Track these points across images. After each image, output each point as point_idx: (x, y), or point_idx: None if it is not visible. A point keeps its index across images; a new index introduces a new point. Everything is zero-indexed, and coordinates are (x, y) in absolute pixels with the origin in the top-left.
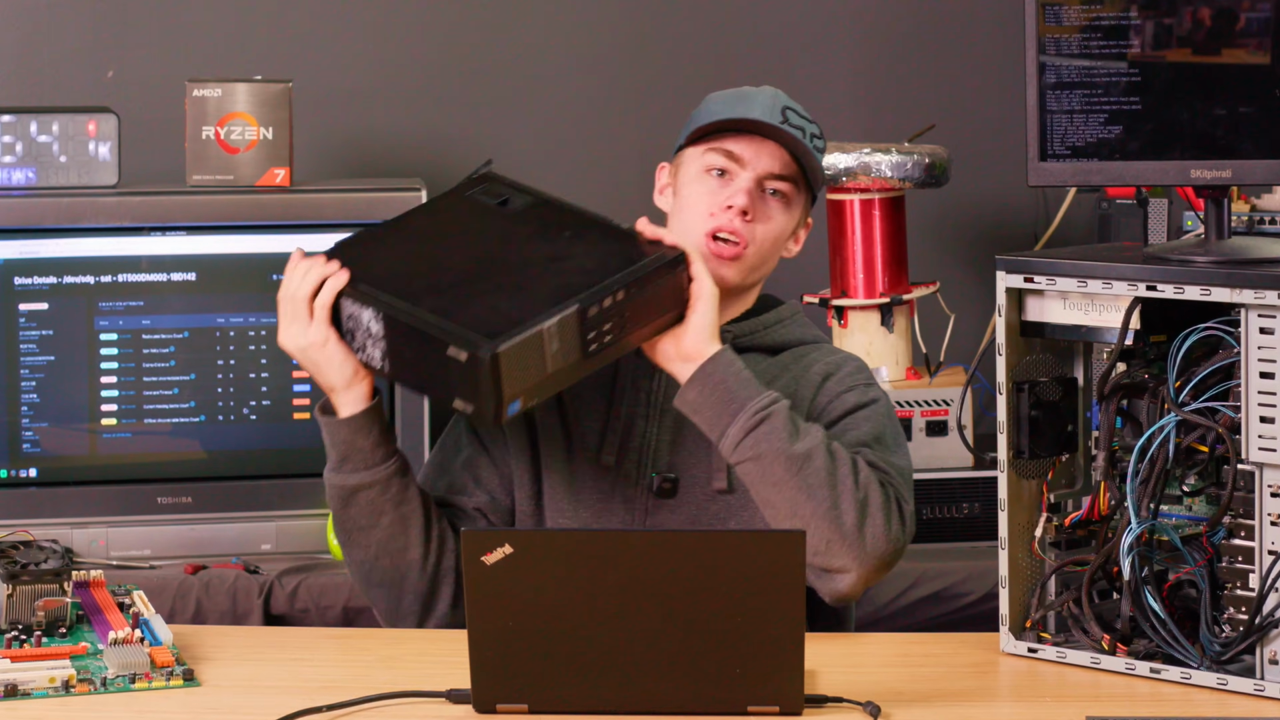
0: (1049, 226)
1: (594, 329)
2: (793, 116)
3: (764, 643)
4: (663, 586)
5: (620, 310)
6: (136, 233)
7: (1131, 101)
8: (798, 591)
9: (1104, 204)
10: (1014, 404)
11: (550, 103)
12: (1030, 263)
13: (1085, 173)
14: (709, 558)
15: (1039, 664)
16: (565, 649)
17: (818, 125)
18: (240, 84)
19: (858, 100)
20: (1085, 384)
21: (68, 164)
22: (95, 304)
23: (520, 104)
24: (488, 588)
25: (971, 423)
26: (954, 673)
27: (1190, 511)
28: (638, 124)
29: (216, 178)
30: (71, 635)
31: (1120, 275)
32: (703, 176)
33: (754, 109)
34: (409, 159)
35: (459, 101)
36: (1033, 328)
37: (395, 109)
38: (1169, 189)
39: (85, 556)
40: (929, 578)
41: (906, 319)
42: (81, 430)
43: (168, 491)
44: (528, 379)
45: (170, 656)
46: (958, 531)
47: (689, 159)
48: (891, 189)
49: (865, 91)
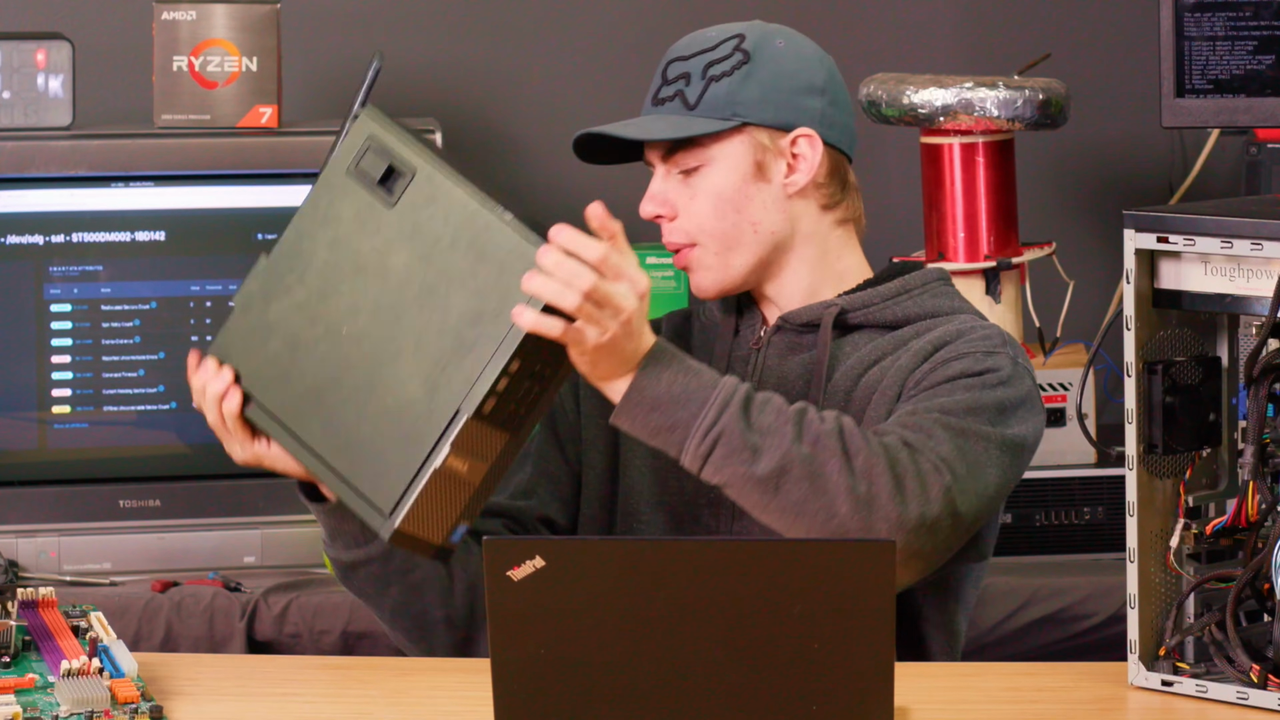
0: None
1: (501, 413)
2: (673, 69)
3: (845, 674)
4: (721, 605)
5: (520, 379)
6: (95, 183)
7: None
8: (887, 613)
9: (1253, 149)
10: (1145, 389)
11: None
12: (1165, 219)
13: (1231, 111)
14: (777, 571)
15: (1175, 699)
16: (607, 680)
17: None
18: (218, 5)
19: (958, 26)
20: (1230, 365)
21: (12, 101)
22: (45, 269)
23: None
24: (514, 607)
25: (1094, 411)
26: (1073, 711)
27: None
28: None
29: (190, 117)
30: (17, 666)
31: (1273, 234)
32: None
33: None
34: (418, 95)
35: (475, 27)
36: (1168, 297)
37: (401, 36)
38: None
39: (33, 571)
40: (1043, 596)
41: (1016, 286)
42: (29, 420)
43: (132, 493)
44: (454, 507)
45: (135, 691)
46: (1078, 541)
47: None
48: (998, 131)
49: (966, 15)
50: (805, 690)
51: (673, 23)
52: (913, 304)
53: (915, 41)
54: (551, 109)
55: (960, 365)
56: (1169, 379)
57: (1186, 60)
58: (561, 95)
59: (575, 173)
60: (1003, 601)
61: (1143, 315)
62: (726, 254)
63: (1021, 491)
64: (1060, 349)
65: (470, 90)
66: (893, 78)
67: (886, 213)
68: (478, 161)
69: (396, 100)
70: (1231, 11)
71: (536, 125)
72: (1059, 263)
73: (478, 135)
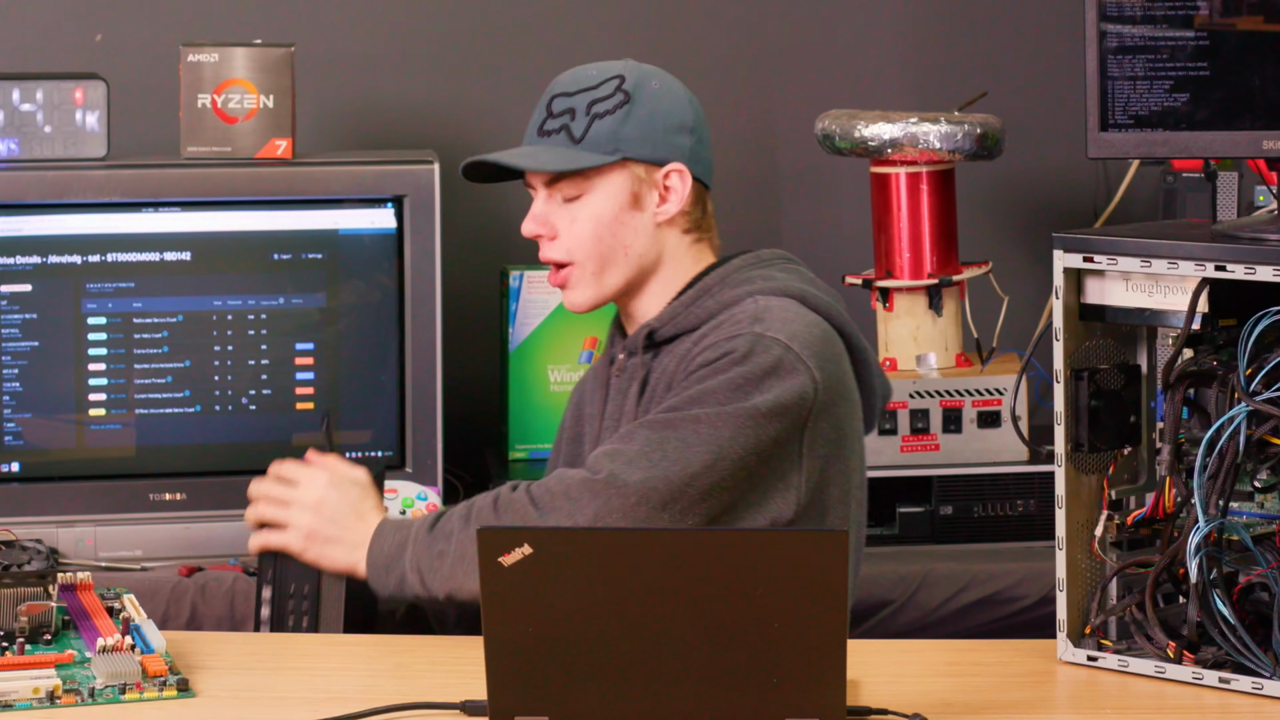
0: (1110, 202)
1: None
2: (558, 104)
3: (803, 650)
4: (695, 589)
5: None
6: (127, 209)
7: (1199, 67)
8: (840, 595)
9: (1169, 178)
10: (1072, 393)
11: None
12: (1090, 241)
13: (1149, 144)
14: (744, 558)
15: (1099, 673)
16: (589, 657)
17: (614, 79)
18: (239, 49)
19: (904, 66)
20: (1149, 372)
21: (53, 134)
22: (82, 285)
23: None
24: (505, 591)
25: (1026, 413)
26: (1007, 682)
27: (1262, 509)
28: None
29: (213, 149)
30: (57, 642)
31: (1187, 254)
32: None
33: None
34: (420, 129)
35: (474, 67)
36: (1093, 311)
37: (405, 75)
38: (1239, 161)
39: (71, 557)
40: (980, 580)
41: (956, 302)
42: (68, 422)
43: (161, 487)
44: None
45: (163, 665)
46: (1011, 531)
47: None
48: (940, 161)
49: (912, 57)
50: (767, 664)
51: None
52: (711, 301)
53: (865, 80)
54: None
55: (701, 358)
56: (1094, 385)
57: (1110, 98)
58: None
59: None
60: (944, 585)
61: (1070, 327)
62: (600, 274)
63: (960, 486)
64: (996, 358)
65: (464, 125)
66: (845, 114)
67: (840, 235)
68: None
69: (398, 134)
70: (1150, 54)
71: None
72: (995, 280)
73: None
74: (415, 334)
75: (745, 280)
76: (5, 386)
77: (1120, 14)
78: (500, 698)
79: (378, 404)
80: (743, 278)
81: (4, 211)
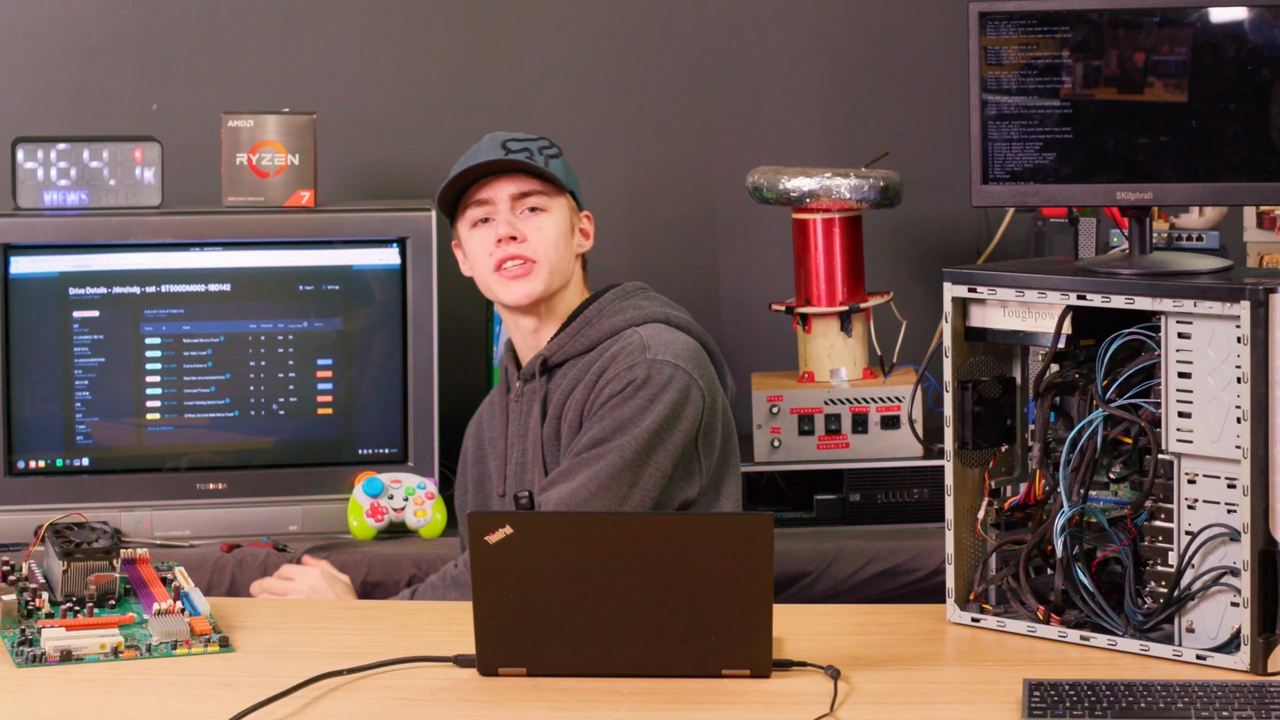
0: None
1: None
2: (513, 145)
3: (736, 613)
4: (647, 563)
5: None
6: (177, 248)
7: (1064, 131)
8: (767, 567)
9: (1039, 222)
10: (959, 401)
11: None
12: (973, 274)
13: (1022, 194)
14: (688, 537)
15: (981, 632)
16: (560, 618)
17: (547, 139)
18: (270, 116)
19: (820, 130)
20: (1022, 383)
21: (116, 187)
22: (141, 312)
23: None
24: (491, 564)
25: (921, 417)
26: (905, 640)
27: (1116, 496)
28: (624, 152)
29: (249, 199)
30: (120, 607)
31: (1054, 286)
32: (473, 233)
33: (479, 158)
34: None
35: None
36: (975, 333)
37: (408, 138)
38: (1097, 209)
39: (132, 536)
40: (883, 556)
41: (863, 325)
42: (128, 424)
43: (205, 478)
44: None
45: (208, 625)
46: (909, 514)
47: (461, 226)
48: (850, 209)
49: (827, 122)
50: (706, 624)
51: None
52: (592, 330)
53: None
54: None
55: (609, 390)
56: (977, 393)
57: (990, 157)
58: None
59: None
60: (853, 560)
61: (957, 346)
62: (550, 275)
63: (867, 477)
64: (896, 371)
65: None
66: (771, 169)
67: (767, 271)
68: None
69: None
70: (1024, 121)
71: None
72: (895, 307)
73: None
74: (416, 351)
75: (618, 310)
76: (77, 395)
77: (999, 87)
78: (486, 652)
79: (385, 410)
80: (616, 309)
81: (76, 251)
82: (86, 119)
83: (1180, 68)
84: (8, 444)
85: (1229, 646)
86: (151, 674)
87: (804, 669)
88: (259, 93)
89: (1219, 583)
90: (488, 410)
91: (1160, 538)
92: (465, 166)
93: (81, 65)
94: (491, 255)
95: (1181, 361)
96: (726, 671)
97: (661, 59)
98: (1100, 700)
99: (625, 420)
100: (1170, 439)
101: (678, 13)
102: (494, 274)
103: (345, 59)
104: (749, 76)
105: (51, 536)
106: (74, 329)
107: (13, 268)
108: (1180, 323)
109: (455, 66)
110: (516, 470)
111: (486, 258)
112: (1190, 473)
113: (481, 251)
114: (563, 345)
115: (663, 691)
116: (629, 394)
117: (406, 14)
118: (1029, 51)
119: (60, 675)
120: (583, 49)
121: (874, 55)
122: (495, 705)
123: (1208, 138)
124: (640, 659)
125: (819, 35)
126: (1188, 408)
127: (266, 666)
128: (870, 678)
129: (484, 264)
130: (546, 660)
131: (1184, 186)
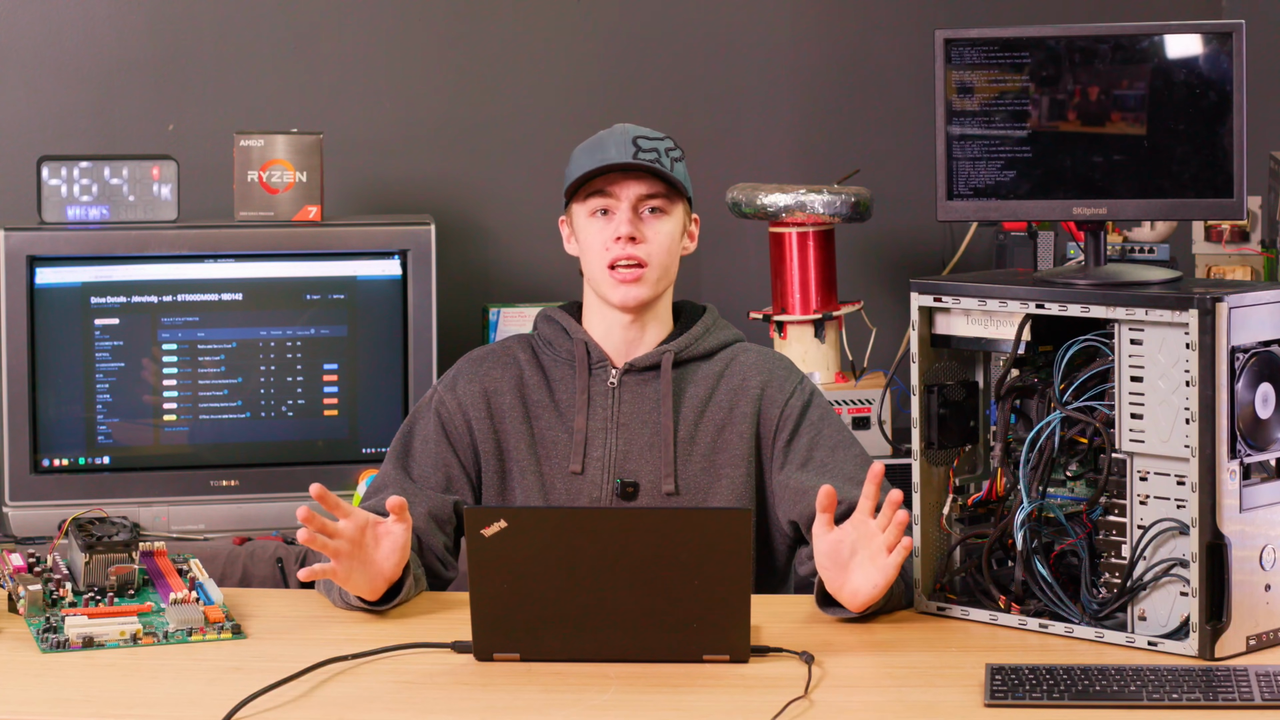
0: (955, 255)
1: None
2: (644, 143)
3: (716, 602)
4: (633, 555)
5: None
6: (193, 260)
7: (1024, 150)
8: (745, 560)
9: (1000, 236)
10: (925, 403)
11: (537, 151)
12: (939, 285)
13: (985, 210)
14: (671, 531)
15: (947, 620)
16: (551, 607)
17: (671, 139)
18: (279, 135)
19: (795, 148)
20: (985, 386)
21: (135, 203)
22: (158, 320)
23: (512, 152)
24: (486, 556)
25: (890, 418)
26: (876, 627)
27: (1072, 493)
28: None
29: (259, 214)
30: (138, 596)
31: (1014, 296)
32: (590, 221)
33: (609, 153)
34: (421, 198)
35: (463, 150)
36: (941, 339)
37: (410, 156)
38: (1055, 224)
39: (150, 530)
40: None
41: (836, 332)
42: (146, 425)
43: (219, 476)
44: None
45: (221, 614)
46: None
47: (576, 211)
48: (823, 223)
49: (801, 141)
50: (688, 612)
51: None
52: (711, 339)
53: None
54: (524, 207)
55: (797, 402)
56: (942, 396)
57: (954, 174)
58: (532, 197)
59: (544, 256)
60: None
61: (924, 352)
62: (659, 280)
63: None
64: (866, 375)
65: (454, 195)
66: (749, 186)
67: (746, 281)
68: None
69: (402, 202)
70: (985, 141)
71: (513, 220)
72: (865, 315)
73: (465, 228)
74: (416, 356)
75: (724, 327)
76: (98, 398)
77: (963, 109)
78: (482, 638)
79: (387, 411)
80: (722, 324)
81: (97, 262)
82: (107, 139)
83: (1139, 101)
84: (33, 443)
85: (1179, 633)
86: (168, 659)
87: (780, 654)
88: (269, 114)
89: (1169, 574)
90: (528, 376)
91: (1114, 532)
92: (595, 160)
93: (102, 89)
94: (608, 250)
95: (1134, 366)
96: (707, 657)
97: (647, 83)
98: (1058, 684)
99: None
100: (1123, 439)
101: (663, 41)
102: (606, 271)
103: (350, 83)
104: (728, 99)
105: (74, 530)
106: (95, 336)
107: (38, 278)
108: (1132, 330)
109: (452, 90)
110: (617, 457)
111: (602, 251)
112: (1142, 470)
113: (598, 244)
114: (689, 345)
115: (647, 675)
116: (818, 402)
117: (406, 41)
118: (990, 74)
119: (83, 660)
120: (572, 74)
121: (846, 79)
122: (491, 688)
123: (1159, 157)
124: (626, 645)
125: (794, 61)
126: (1139, 409)
127: (276, 652)
128: (842, 662)
129: (598, 257)
130: (539, 646)
131: (1136, 203)
